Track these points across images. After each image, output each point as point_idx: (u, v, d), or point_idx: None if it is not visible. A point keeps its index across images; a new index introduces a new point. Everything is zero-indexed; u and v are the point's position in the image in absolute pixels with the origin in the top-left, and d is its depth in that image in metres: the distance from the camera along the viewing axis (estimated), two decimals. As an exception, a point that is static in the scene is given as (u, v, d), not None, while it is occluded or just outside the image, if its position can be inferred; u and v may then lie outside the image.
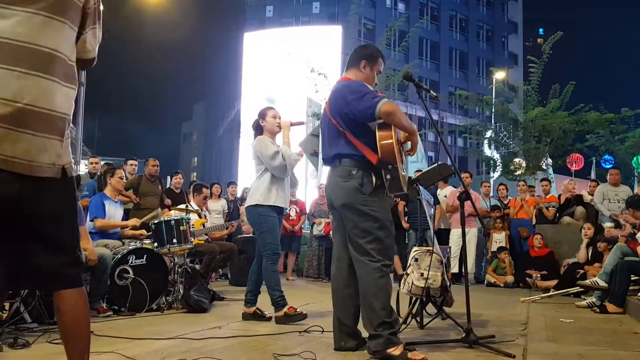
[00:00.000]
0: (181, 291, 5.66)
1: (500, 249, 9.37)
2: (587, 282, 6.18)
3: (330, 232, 9.70)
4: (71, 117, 2.03)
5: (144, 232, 6.10)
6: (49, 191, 1.91)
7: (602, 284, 5.87)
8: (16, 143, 1.84)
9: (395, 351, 3.18)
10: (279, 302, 4.75)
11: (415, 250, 4.33)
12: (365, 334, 3.42)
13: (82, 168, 11.47)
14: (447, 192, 9.82)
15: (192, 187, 8.64)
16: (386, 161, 3.35)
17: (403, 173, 3.43)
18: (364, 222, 3.38)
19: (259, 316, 4.90)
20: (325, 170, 12.70)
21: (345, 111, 3.45)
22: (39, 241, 1.90)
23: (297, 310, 4.73)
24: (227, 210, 9.63)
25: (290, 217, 10.15)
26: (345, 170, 3.46)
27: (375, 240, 3.36)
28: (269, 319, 4.83)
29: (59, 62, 1.97)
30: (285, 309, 4.72)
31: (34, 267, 1.91)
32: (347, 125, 3.47)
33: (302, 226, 10.83)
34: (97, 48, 2.20)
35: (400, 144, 3.52)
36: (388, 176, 3.38)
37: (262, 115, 5.10)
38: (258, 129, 5.10)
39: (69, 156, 2.01)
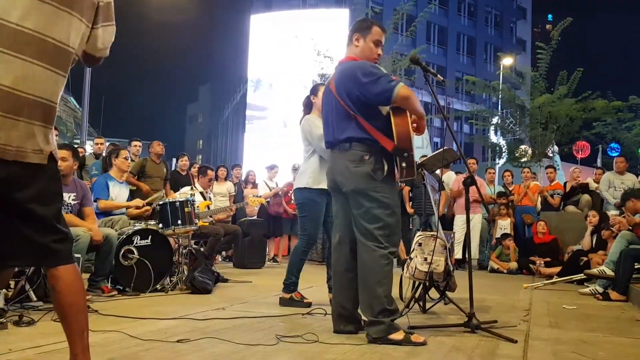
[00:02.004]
0: (185, 272, 5.69)
1: (504, 235, 9.37)
2: (595, 270, 6.17)
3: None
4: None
5: (148, 207, 6.11)
6: (36, 174, 1.96)
7: (610, 272, 5.87)
8: (10, 131, 1.87)
9: (397, 336, 3.19)
10: (289, 286, 4.71)
11: (419, 235, 4.34)
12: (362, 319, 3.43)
13: (88, 149, 11.49)
14: (446, 177, 9.72)
15: (197, 169, 8.66)
16: (402, 148, 3.28)
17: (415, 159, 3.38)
18: (375, 209, 3.32)
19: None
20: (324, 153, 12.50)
21: (357, 93, 3.35)
22: (27, 222, 1.94)
23: (305, 299, 4.67)
24: (233, 193, 9.66)
25: (292, 201, 10.16)
26: (356, 155, 3.36)
27: (385, 226, 3.33)
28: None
29: (64, 54, 1.99)
30: (292, 294, 4.71)
31: (24, 245, 1.96)
32: (358, 108, 3.37)
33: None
34: (109, 46, 2.21)
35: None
36: (404, 164, 3.30)
37: (314, 91, 4.82)
38: (308, 106, 4.82)
39: (55, 142, 2.06)
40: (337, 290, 3.57)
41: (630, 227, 6.18)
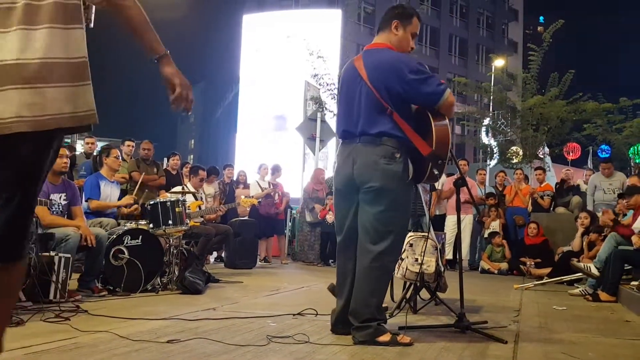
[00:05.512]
0: (176, 272, 5.67)
1: (492, 234, 9.42)
2: (580, 264, 6.21)
3: (327, 217, 9.72)
4: None
5: (137, 207, 6.08)
6: None
7: (595, 271, 5.90)
8: None
9: (384, 338, 3.17)
10: None
11: (410, 236, 4.34)
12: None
13: (79, 148, 11.44)
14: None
15: (189, 169, 8.63)
16: (438, 155, 3.16)
17: None
18: (395, 211, 3.22)
19: None
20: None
21: (399, 89, 3.18)
22: None
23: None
24: (217, 192, 9.57)
25: (275, 201, 10.16)
26: (388, 151, 3.19)
27: (396, 232, 3.27)
28: None
29: None
30: None
31: None
32: (395, 104, 3.20)
33: (298, 210, 10.90)
34: None
35: None
36: (435, 171, 3.19)
37: None
38: None
39: None
40: (340, 291, 3.46)
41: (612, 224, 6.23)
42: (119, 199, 6.23)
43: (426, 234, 4.27)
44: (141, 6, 2.10)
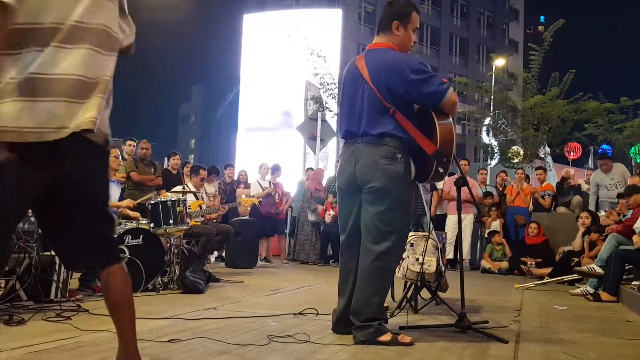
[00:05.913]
0: (177, 272, 5.67)
1: (492, 232, 9.41)
2: (584, 268, 6.21)
3: (326, 216, 9.71)
4: None
5: (138, 215, 6.08)
6: None
7: (599, 270, 5.90)
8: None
9: (385, 337, 3.17)
10: None
11: (411, 236, 4.34)
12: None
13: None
14: None
15: (189, 168, 8.63)
16: (443, 153, 3.17)
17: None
18: (396, 211, 3.23)
19: None
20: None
21: (401, 91, 3.19)
22: None
23: None
24: (216, 191, 9.57)
25: (275, 200, 10.15)
26: (389, 151, 3.20)
27: (398, 232, 3.27)
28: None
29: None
30: None
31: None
32: (396, 104, 3.21)
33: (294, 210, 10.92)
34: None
35: None
36: (440, 169, 3.19)
37: None
38: None
39: None
40: (342, 290, 3.46)
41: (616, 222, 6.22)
42: (120, 198, 6.23)
43: (427, 233, 4.27)
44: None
